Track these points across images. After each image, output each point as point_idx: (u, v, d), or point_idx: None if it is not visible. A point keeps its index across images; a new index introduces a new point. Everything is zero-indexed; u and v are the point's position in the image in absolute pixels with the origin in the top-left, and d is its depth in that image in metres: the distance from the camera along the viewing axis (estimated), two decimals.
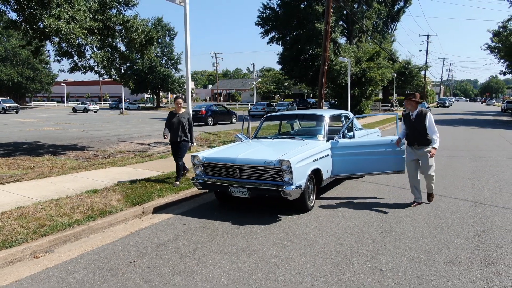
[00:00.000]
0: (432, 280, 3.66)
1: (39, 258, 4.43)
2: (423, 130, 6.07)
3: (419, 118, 6.12)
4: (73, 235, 5.01)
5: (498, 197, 6.75)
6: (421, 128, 6.09)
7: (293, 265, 4.04)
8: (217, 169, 6.07)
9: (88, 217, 5.43)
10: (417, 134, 6.13)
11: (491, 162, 10.49)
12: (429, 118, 6.10)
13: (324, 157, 6.36)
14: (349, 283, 3.64)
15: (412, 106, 6.24)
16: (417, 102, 6.25)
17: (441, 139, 6.49)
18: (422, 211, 5.96)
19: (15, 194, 6.48)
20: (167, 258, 4.32)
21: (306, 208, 5.91)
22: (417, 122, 6.14)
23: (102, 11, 11.06)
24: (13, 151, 12.21)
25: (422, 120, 6.09)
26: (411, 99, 6.22)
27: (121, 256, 4.43)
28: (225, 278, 3.79)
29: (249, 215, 5.85)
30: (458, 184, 7.84)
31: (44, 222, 5.12)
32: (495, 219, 5.49)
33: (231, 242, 4.75)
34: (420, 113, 6.16)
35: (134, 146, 13.88)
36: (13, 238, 4.59)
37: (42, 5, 9.36)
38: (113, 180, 7.68)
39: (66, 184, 7.34)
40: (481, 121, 30.19)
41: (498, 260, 4.11)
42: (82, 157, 11.16)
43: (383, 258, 4.19)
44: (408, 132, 6.30)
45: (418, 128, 6.11)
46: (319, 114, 7.56)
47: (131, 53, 13.74)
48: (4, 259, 4.25)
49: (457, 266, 3.97)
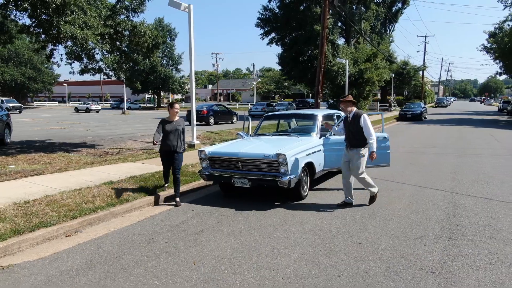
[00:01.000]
0: (401, 251, 4.43)
1: (71, 237, 5.19)
2: (357, 132, 6.05)
3: (354, 120, 6.10)
4: (97, 218, 5.77)
5: (473, 188, 7.52)
6: (355, 130, 6.06)
7: (287, 240, 4.81)
8: (221, 162, 6.84)
9: (108, 204, 6.19)
10: (351, 136, 6.14)
11: (475, 158, 11.26)
12: (364, 121, 6.02)
13: (317, 152, 7.12)
14: (333, 252, 4.41)
15: (346, 107, 6.24)
16: (352, 102, 6.24)
17: (434, 138, 7.19)
18: (403, 199, 6.73)
19: (41, 185, 7.24)
20: (180, 236, 5.09)
21: (300, 197, 6.68)
22: (352, 124, 6.13)
23: (112, 17, 11.82)
24: (27, 148, 12.97)
25: (357, 122, 6.06)
26: (343, 100, 6.25)
27: (141, 234, 5.20)
28: (230, 249, 4.56)
29: (250, 203, 6.61)
30: (440, 177, 8.61)
31: (72, 207, 5.88)
32: (465, 206, 6.26)
33: (234, 224, 5.51)
34: (355, 115, 6.14)
35: (141, 144, 14.65)
36: (48, 220, 5.35)
37: (58, 13, 10.11)
38: (126, 173, 8.43)
39: (84, 177, 8.10)
40: (476, 120, 30.95)
41: (459, 236, 4.88)
42: (94, 154, 11.92)
43: (363, 235, 4.96)
44: (345, 133, 6.36)
45: (352, 130, 6.10)
46: (313, 114, 8.33)
47: (138, 56, 14.49)
48: (43, 236, 5.02)
49: (425, 240, 4.74)
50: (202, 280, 3.80)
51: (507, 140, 16.14)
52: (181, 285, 3.70)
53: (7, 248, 4.61)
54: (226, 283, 3.72)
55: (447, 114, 42.37)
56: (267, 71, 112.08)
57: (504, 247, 4.50)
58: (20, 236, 4.84)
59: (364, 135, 6.01)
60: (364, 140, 6.05)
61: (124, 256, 4.44)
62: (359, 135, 6.05)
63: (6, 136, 13.82)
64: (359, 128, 6.04)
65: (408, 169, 9.69)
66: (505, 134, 18.71)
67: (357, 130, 6.06)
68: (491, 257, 4.22)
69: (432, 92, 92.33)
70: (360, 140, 6.06)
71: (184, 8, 12.18)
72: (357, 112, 6.19)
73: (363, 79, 32.30)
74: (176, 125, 6.73)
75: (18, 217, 5.35)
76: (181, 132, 6.77)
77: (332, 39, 33.76)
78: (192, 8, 12.24)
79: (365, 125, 6.00)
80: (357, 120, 6.07)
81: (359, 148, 6.07)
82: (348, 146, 6.24)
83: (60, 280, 3.86)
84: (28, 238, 4.86)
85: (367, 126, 5.99)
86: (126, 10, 12.15)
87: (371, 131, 5.98)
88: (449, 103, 78.73)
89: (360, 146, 6.06)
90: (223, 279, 3.80)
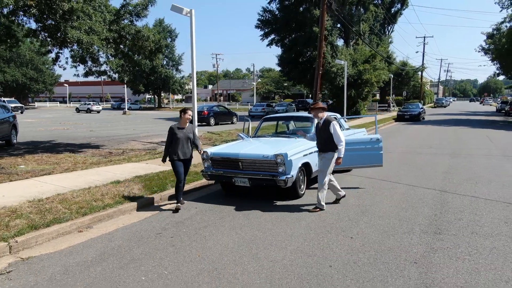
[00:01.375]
0: (389, 244, 4.81)
1: (83, 232, 5.57)
2: (326, 138, 6.25)
3: (325, 126, 6.30)
4: (106, 215, 6.15)
5: (462, 187, 7.90)
6: (325, 136, 6.26)
7: (284, 235, 5.20)
8: (223, 162, 7.22)
9: (116, 202, 6.57)
10: (322, 141, 6.36)
11: (468, 159, 11.64)
12: (333, 127, 6.19)
13: (313, 153, 7.48)
14: (326, 246, 4.79)
15: (317, 114, 6.46)
16: (322, 108, 6.45)
17: (431, 139, 7.55)
18: (394, 197, 7.11)
19: (51, 184, 7.63)
20: (185, 231, 5.47)
21: (298, 195, 7.07)
22: (322, 130, 6.32)
23: (116, 22, 12.21)
24: (33, 149, 13.36)
25: (327, 128, 6.24)
26: (313, 107, 6.50)
27: (148, 229, 5.58)
28: (232, 243, 4.95)
29: (250, 201, 7.00)
30: (432, 176, 8.99)
31: (82, 205, 6.26)
32: (453, 204, 6.64)
33: (235, 220, 5.90)
34: (325, 121, 6.33)
35: (144, 145, 15.04)
36: (61, 217, 5.73)
37: (65, 18, 10.49)
38: (131, 173, 8.82)
39: (92, 176, 8.48)
40: (473, 121, 31.32)
41: (444, 231, 5.26)
42: (99, 154, 12.31)
43: (355, 230, 5.35)
44: (317, 139, 6.56)
45: (323, 136, 6.31)
46: (309, 116, 8.69)
47: (141, 59, 14.88)
48: (57, 231, 5.40)
49: (411, 235, 5.13)
50: (206, 270, 4.18)
51: (501, 141, 16.53)
52: (187, 274, 4.08)
53: (26, 242, 4.99)
54: (228, 272, 4.10)
55: (445, 114, 42.75)
56: (267, 71, 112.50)
57: (484, 241, 4.89)
58: (36, 231, 5.22)
59: (334, 140, 6.21)
60: (333, 146, 6.24)
61: (134, 249, 4.82)
62: (329, 140, 6.25)
63: (12, 137, 14.21)
64: (329, 134, 6.24)
65: (402, 169, 10.08)
66: (500, 135, 19.10)
67: (327, 136, 6.27)
68: (471, 249, 4.61)
69: (431, 92, 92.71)
70: (329, 146, 6.27)
71: (186, 13, 12.52)
72: (327, 119, 6.38)
73: (361, 80, 32.66)
74: (187, 132, 6.55)
75: (34, 213, 5.74)
76: (191, 139, 6.63)
77: (331, 41, 34.18)
78: (193, 13, 12.62)
79: (334, 131, 6.19)
80: (327, 126, 6.27)
81: (328, 153, 6.31)
82: (319, 151, 6.50)
83: (77, 270, 4.24)
84: (44, 233, 5.24)
85: (336, 133, 6.18)
86: (130, 15, 12.53)
87: (340, 137, 6.18)
88: (448, 103, 79.05)
89: (330, 151, 6.29)
90: (225, 269, 4.18)
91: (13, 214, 5.70)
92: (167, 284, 3.88)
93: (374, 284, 3.78)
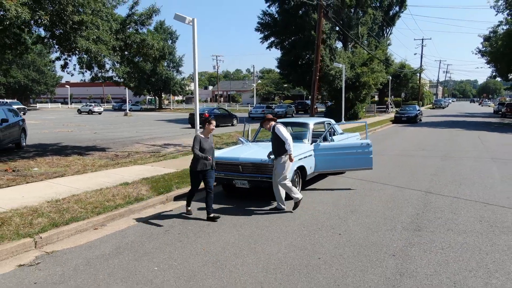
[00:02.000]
0: (373, 239, 5.42)
1: (98, 229, 6.17)
2: (277, 142, 6.72)
3: (273, 132, 6.84)
4: (118, 214, 6.75)
5: (447, 188, 8.51)
6: (276, 141, 6.75)
7: (279, 231, 5.80)
8: (224, 166, 7.82)
9: (127, 202, 7.17)
10: (274, 146, 6.85)
11: (458, 161, 12.24)
12: (277, 129, 6.69)
13: (308, 157, 8.11)
14: (316, 241, 5.40)
15: (266, 125, 6.99)
16: (270, 119, 6.98)
17: (425, 141, 8.07)
18: (382, 198, 7.71)
19: (65, 186, 8.23)
20: (190, 228, 6.08)
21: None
22: (272, 136, 6.90)
23: (122, 31, 12.81)
24: (43, 151, 13.96)
25: (274, 132, 6.78)
26: (263, 121, 7.09)
27: (157, 227, 6.18)
28: (233, 238, 5.55)
29: (249, 202, 7.60)
30: (420, 178, 9.59)
31: (96, 205, 6.86)
32: (435, 203, 7.24)
33: (236, 218, 6.50)
34: (273, 128, 6.85)
35: (147, 148, 15.65)
36: (78, 215, 6.33)
37: (74, 28, 11.09)
38: (138, 175, 9.42)
39: (101, 178, 9.08)
40: (469, 122, 31.93)
41: (423, 228, 5.87)
42: (105, 157, 12.91)
43: (343, 227, 5.95)
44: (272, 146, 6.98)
45: (274, 141, 6.82)
46: (305, 122, 9.32)
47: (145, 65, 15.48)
48: (75, 229, 6.00)
49: (393, 231, 5.73)
50: (211, 261, 4.78)
51: (492, 143, 17.13)
52: (194, 265, 4.68)
53: (48, 238, 5.59)
54: (230, 264, 4.70)
55: (443, 116, 43.36)
56: (267, 72, 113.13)
57: (457, 237, 5.49)
58: (57, 228, 5.82)
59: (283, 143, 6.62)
60: (283, 148, 6.64)
61: (146, 244, 5.42)
62: (278, 144, 6.70)
63: (22, 140, 14.82)
64: (276, 137, 6.73)
65: (394, 171, 10.67)
66: (492, 137, 19.70)
67: (276, 140, 6.75)
68: (444, 244, 5.21)
69: (430, 93, 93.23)
70: (281, 149, 6.67)
71: (189, 22, 13.12)
72: (273, 125, 6.88)
73: (359, 83, 33.25)
74: (211, 142, 6.62)
75: (53, 213, 6.34)
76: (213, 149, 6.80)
77: (330, 44, 34.73)
78: (196, 22, 13.22)
79: (279, 132, 6.65)
80: (274, 130, 6.79)
81: (280, 157, 6.71)
82: (274, 157, 6.85)
83: (97, 262, 4.85)
84: (64, 230, 5.84)
85: (281, 133, 6.62)
86: (135, 24, 13.14)
87: (285, 136, 6.59)
88: (446, 104, 79.64)
89: (281, 154, 6.69)
90: (227, 261, 4.78)
91: (34, 213, 6.29)
92: (177, 273, 4.48)
93: (355, 273, 4.38)
